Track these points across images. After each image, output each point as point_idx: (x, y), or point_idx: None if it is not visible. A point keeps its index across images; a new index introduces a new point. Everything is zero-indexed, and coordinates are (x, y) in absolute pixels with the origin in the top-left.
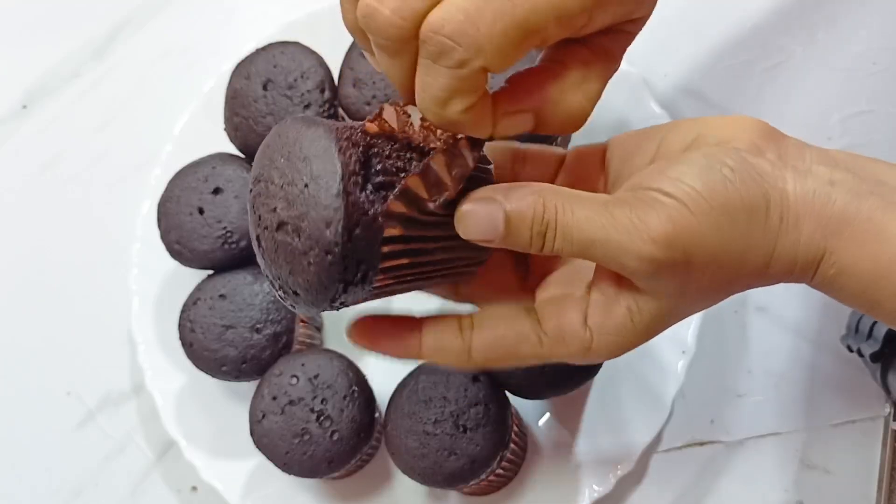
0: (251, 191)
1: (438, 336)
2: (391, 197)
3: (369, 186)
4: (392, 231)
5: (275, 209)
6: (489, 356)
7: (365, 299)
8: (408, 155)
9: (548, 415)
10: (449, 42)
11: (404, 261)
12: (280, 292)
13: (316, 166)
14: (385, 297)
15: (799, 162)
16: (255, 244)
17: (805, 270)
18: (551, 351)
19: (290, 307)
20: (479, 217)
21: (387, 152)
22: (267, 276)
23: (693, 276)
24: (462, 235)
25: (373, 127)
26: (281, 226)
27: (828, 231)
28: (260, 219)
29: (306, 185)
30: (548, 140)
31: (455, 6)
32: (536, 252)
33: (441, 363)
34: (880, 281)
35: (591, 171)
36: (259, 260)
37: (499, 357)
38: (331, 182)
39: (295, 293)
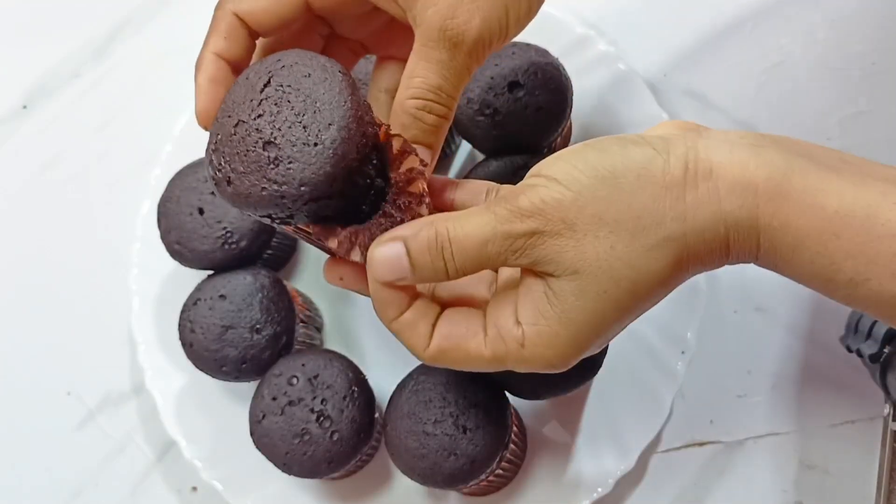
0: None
1: (418, 317)
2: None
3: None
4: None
5: (290, 101)
6: (443, 346)
7: (287, 225)
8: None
9: (548, 415)
10: None
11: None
12: (269, 161)
13: (338, 99)
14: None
15: (720, 135)
16: (224, 127)
17: (744, 229)
18: (493, 350)
19: (259, 181)
20: (385, 260)
21: (374, 161)
22: (218, 161)
23: (586, 243)
24: (378, 280)
25: (385, 135)
26: (294, 113)
27: (758, 178)
28: (259, 105)
29: (318, 107)
30: (539, 147)
31: None
32: (451, 277)
33: (403, 342)
34: (829, 238)
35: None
36: (221, 146)
37: (450, 347)
38: (346, 115)
39: (289, 164)
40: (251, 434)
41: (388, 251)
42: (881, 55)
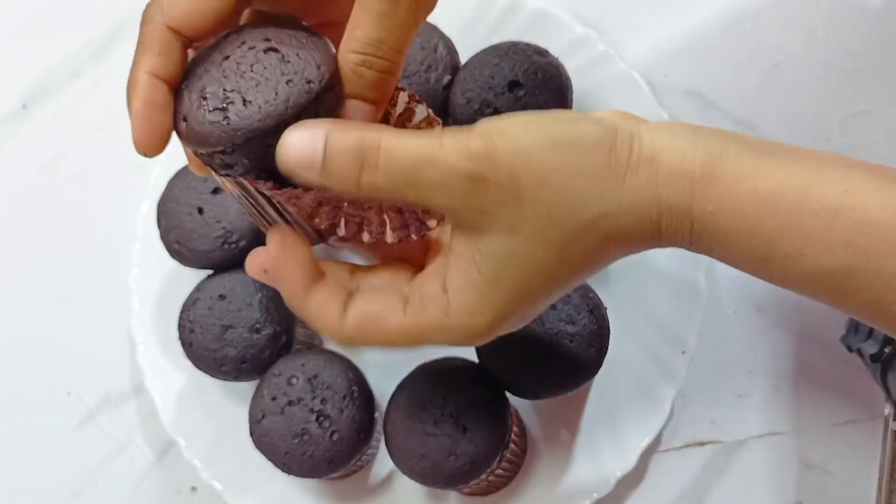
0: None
1: (327, 296)
2: None
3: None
4: None
5: (267, 38)
6: (359, 325)
7: (250, 173)
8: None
9: (548, 415)
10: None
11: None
12: (225, 99)
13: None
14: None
15: (659, 124)
16: (211, 63)
17: (678, 214)
18: (414, 321)
19: (216, 117)
20: (297, 144)
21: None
22: (208, 87)
23: (526, 203)
24: (280, 166)
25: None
26: (270, 50)
27: (696, 165)
28: (244, 43)
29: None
30: None
31: None
32: (360, 192)
33: (315, 324)
34: (763, 217)
35: None
36: (208, 67)
37: (366, 325)
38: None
39: (246, 101)
40: (251, 434)
41: (304, 139)
42: (881, 55)
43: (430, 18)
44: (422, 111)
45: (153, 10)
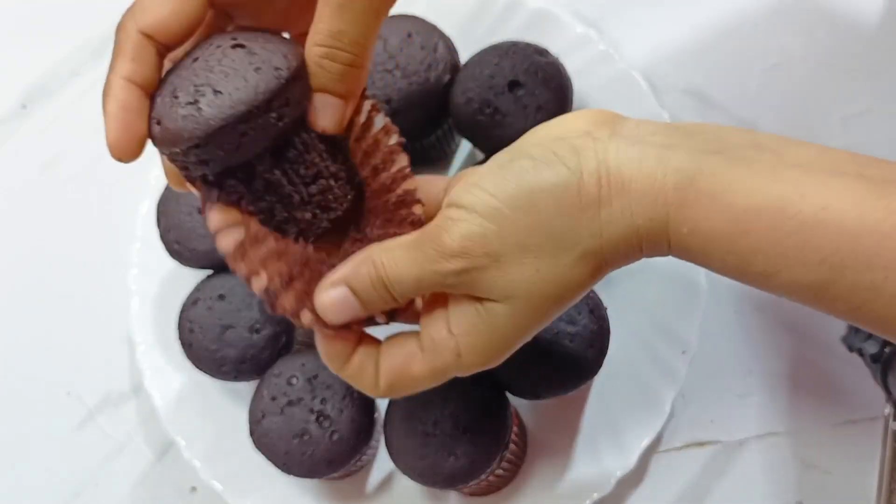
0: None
1: (364, 361)
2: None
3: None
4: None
5: (234, 38)
6: (390, 380)
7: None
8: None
9: (548, 415)
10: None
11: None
12: (196, 93)
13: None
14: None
15: (632, 133)
16: (182, 68)
17: (655, 236)
18: (433, 364)
19: (189, 111)
20: (335, 304)
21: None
22: (178, 86)
23: (513, 272)
24: (334, 322)
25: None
26: (237, 46)
27: (667, 189)
28: (212, 44)
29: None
30: None
31: None
32: (399, 304)
33: (356, 387)
34: (738, 236)
35: None
36: (179, 72)
37: (396, 379)
38: (290, 63)
39: (217, 91)
40: (251, 434)
41: (335, 295)
42: (881, 55)
43: (430, 18)
44: (380, 120)
45: (126, 17)
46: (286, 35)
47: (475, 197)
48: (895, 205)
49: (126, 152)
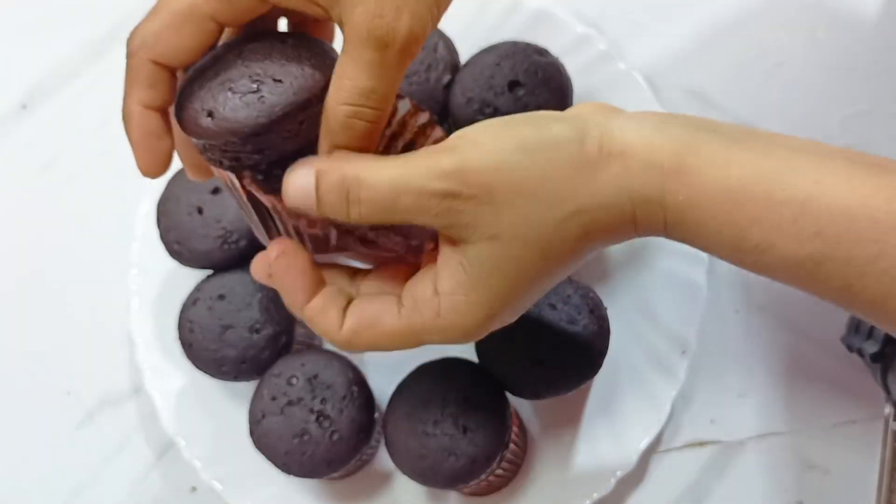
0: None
1: (327, 302)
2: None
3: None
4: None
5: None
6: (356, 326)
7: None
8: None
9: (548, 415)
10: (127, 45)
11: None
12: (256, 83)
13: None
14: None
15: (632, 115)
16: (222, 65)
17: (649, 205)
18: (409, 321)
19: (251, 99)
20: (297, 186)
21: None
22: (232, 78)
23: (502, 211)
24: (286, 202)
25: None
26: (284, 40)
27: (664, 155)
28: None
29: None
30: None
31: None
32: (349, 218)
33: (316, 329)
34: (733, 207)
35: None
36: (219, 66)
37: (364, 327)
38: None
39: (277, 80)
40: (250, 434)
41: (300, 179)
42: (881, 55)
43: None
44: (404, 105)
45: (137, 45)
46: None
47: (481, 131)
48: (883, 182)
49: (155, 172)
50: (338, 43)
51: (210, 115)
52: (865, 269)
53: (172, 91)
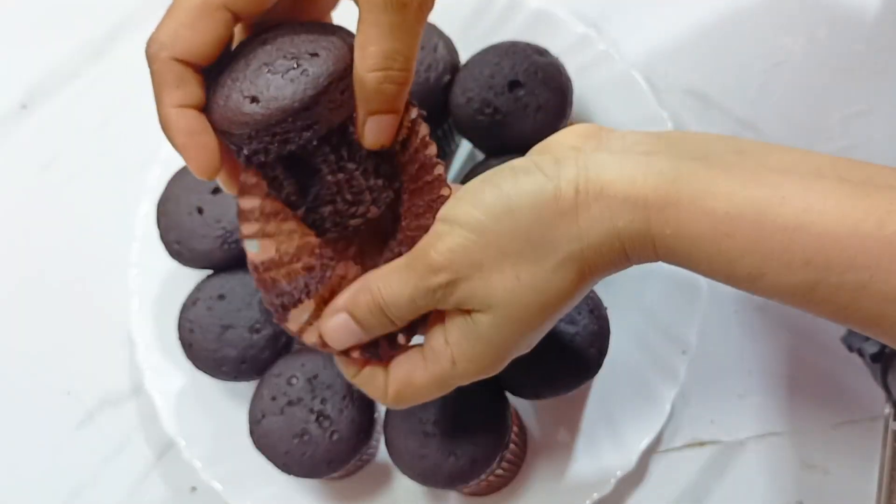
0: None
1: (373, 370)
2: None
3: None
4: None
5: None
6: (397, 387)
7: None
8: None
9: (548, 415)
10: (147, 49)
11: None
12: (293, 60)
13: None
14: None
15: (617, 145)
16: (251, 53)
17: (638, 239)
18: (432, 372)
19: (294, 75)
20: (338, 332)
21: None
22: (269, 61)
23: (493, 280)
24: (337, 349)
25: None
26: (302, 24)
27: (647, 191)
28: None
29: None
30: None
31: None
32: (399, 327)
33: (368, 393)
34: (722, 239)
35: None
36: (249, 55)
37: (402, 386)
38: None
39: (314, 54)
40: (250, 434)
41: (337, 323)
42: (881, 55)
43: (431, 18)
44: (424, 129)
45: (157, 48)
46: None
47: (458, 210)
48: (874, 204)
49: (211, 170)
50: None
51: (254, 100)
52: (858, 293)
53: (202, 87)
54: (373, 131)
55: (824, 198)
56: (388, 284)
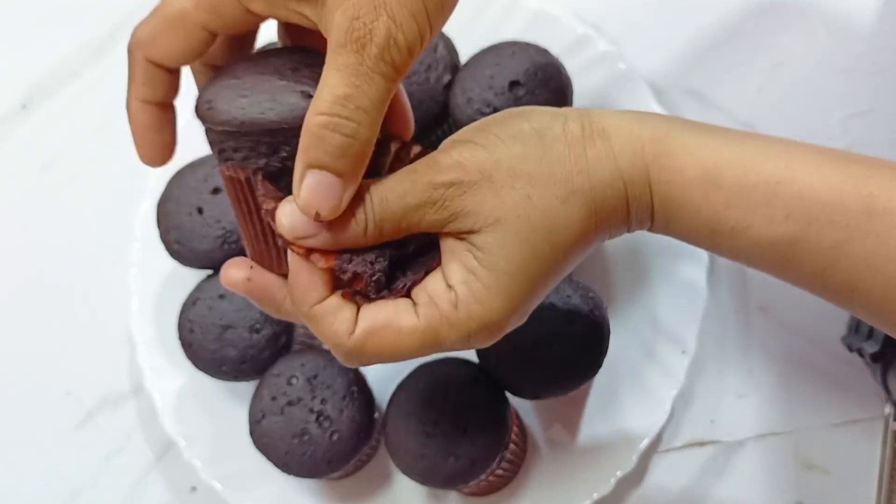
0: None
1: (342, 302)
2: None
3: None
4: None
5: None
6: (369, 329)
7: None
8: None
9: (548, 415)
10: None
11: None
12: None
13: None
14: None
15: (608, 109)
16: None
17: (638, 185)
18: (427, 319)
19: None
20: (312, 185)
21: None
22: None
23: (503, 193)
24: (289, 235)
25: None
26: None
27: (644, 141)
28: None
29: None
30: None
31: None
32: (367, 235)
33: (321, 332)
34: (711, 188)
35: None
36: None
37: (378, 328)
38: None
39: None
40: (251, 434)
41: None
42: (881, 55)
43: None
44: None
45: (134, 43)
46: None
47: (469, 132)
48: (852, 170)
49: (154, 161)
50: None
51: (242, 107)
52: (835, 251)
53: (172, 87)
54: (309, 189)
55: (806, 159)
56: (380, 181)
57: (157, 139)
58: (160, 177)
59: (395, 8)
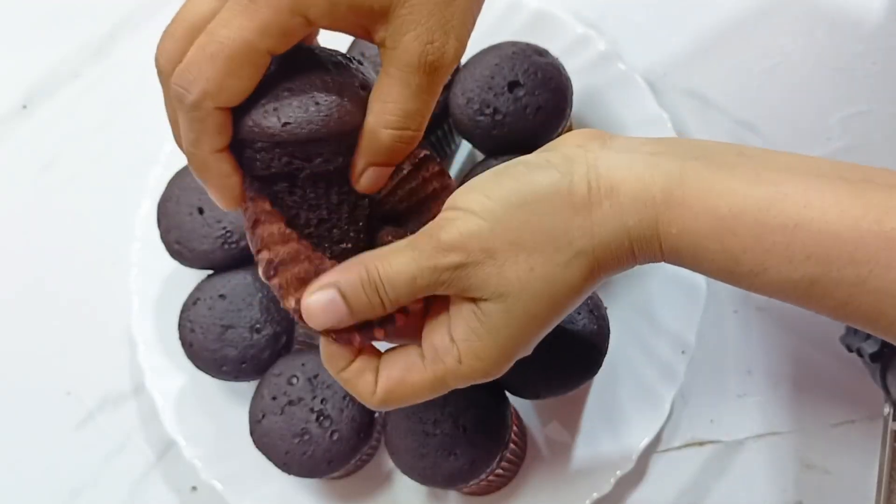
0: None
1: (364, 366)
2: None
3: None
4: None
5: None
6: (389, 386)
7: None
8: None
9: (548, 415)
10: (180, 89)
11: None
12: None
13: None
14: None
15: (622, 145)
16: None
17: (646, 238)
18: (434, 371)
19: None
20: (321, 306)
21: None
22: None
23: (506, 268)
24: (316, 329)
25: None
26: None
27: (655, 190)
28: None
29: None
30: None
31: (189, 53)
32: (388, 311)
33: (352, 391)
34: (725, 235)
35: None
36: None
37: (395, 385)
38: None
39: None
40: (251, 434)
41: (321, 298)
42: (881, 55)
43: None
44: (434, 165)
45: (201, 97)
46: None
47: (471, 198)
48: (873, 202)
49: (236, 205)
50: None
51: (278, 118)
52: (857, 288)
53: (231, 125)
54: (370, 180)
55: (824, 195)
56: (387, 262)
57: (235, 183)
58: (160, 177)
59: (459, 28)
